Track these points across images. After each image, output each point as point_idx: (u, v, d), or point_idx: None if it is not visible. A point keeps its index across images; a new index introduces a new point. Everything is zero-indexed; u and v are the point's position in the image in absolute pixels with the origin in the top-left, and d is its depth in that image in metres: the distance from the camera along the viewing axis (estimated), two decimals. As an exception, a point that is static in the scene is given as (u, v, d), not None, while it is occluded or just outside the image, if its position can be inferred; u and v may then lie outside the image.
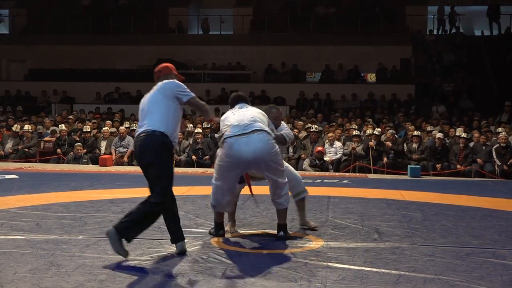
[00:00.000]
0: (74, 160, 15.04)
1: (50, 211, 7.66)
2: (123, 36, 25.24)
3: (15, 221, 6.98)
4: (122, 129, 15.64)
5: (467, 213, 8.05)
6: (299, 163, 14.62)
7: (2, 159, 15.53)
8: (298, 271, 4.98)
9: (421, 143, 14.70)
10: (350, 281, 4.75)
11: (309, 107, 20.62)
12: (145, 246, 5.76)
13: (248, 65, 24.09)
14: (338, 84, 22.61)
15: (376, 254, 5.61)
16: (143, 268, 5.07)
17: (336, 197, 9.33)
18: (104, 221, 7.02)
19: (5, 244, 5.79)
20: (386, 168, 14.11)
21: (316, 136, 15.12)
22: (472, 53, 23.27)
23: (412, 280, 4.78)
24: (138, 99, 24.94)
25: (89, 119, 18.45)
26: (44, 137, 16.39)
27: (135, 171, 13.00)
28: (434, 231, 6.73)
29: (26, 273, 4.82)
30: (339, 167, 14.43)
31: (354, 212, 7.95)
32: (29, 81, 24.21)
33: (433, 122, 17.29)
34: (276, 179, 5.98)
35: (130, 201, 8.33)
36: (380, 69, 23.13)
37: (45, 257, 5.32)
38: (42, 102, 22.53)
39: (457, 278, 4.82)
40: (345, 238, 6.30)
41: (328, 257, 5.46)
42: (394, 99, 21.13)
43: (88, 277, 4.76)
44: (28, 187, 10.09)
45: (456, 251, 5.78)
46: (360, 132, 15.39)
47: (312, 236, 6.37)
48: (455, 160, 14.07)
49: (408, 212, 8.02)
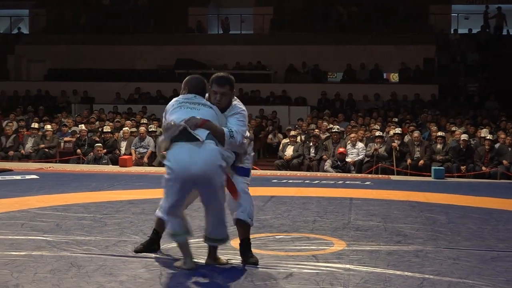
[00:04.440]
0: (94, 161, 15.07)
1: (70, 212, 7.66)
2: (142, 36, 25.32)
3: (35, 221, 6.99)
4: (142, 130, 15.65)
5: (492, 216, 7.94)
6: (321, 164, 14.53)
7: (23, 159, 15.61)
8: (320, 274, 4.91)
9: (445, 144, 14.53)
10: (373, 284, 4.68)
11: (331, 107, 20.47)
12: (164, 248, 5.71)
13: (269, 65, 23.99)
14: (360, 84, 22.43)
15: (399, 257, 5.52)
16: (161, 270, 5.02)
17: (358, 199, 9.24)
18: (123, 222, 7.00)
19: (25, 245, 5.78)
20: (409, 169, 13.97)
21: (338, 137, 15.02)
22: (498, 52, 22.96)
23: (436, 283, 4.70)
24: (158, 99, 25.12)
25: (109, 119, 18.48)
26: (64, 137, 16.45)
27: (155, 172, 13.02)
28: (458, 234, 6.62)
29: (46, 274, 4.80)
30: (361, 168, 14.31)
31: (377, 214, 7.86)
32: (48, 81, 24.32)
33: (457, 121, 17.07)
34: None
35: (150, 202, 8.30)
36: (403, 69, 22.93)
37: (65, 258, 5.30)
38: (62, 102, 22.63)
39: (482, 282, 4.74)
40: (367, 241, 6.21)
41: (351, 260, 5.39)
42: (417, 100, 20.94)
43: (108, 278, 4.73)
44: (48, 188, 10.14)
45: (481, 254, 5.69)
46: (383, 133, 15.26)
47: (334, 239, 6.29)
48: (480, 161, 13.89)
49: (432, 214, 7.92)
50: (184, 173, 4.68)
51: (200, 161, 4.68)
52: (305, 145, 15.18)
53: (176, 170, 4.70)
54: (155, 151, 15.42)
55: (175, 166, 4.71)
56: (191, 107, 4.94)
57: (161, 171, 13.23)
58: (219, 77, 5.11)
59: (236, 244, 5.40)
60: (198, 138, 4.73)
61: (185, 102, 5.00)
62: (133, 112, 19.87)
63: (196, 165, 4.66)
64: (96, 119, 18.26)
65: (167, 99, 21.13)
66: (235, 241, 5.51)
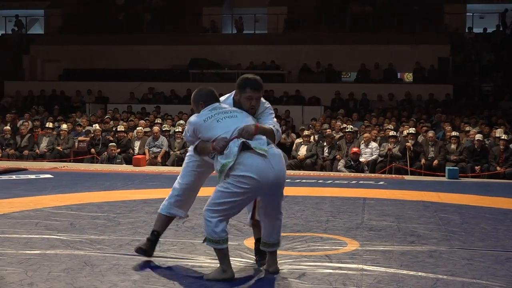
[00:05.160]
0: (108, 160, 15.13)
1: (84, 211, 7.69)
2: (156, 35, 25.39)
3: (50, 220, 7.02)
4: (156, 129, 15.70)
5: (507, 216, 7.89)
6: (334, 164, 14.50)
7: (37, 158, 15.71)
8: (333, 274, 4.90)
9: (459, 144, 14.45)
10: (386, 284, 4.67)
11: (345, 107, 20.42)
12: (178, 247, 5.74)
13: (283, 64, 23.97)
14: (374, 84, 22.37)
15: (413, 257, 5.50)
16: (176, 269, 5.03)
17: (372, 199, 9.21)
18: (137, 222, 7.03)
19: (39, 244, 5.82)
20: (423, 169, 13.90)
21: (352, 137, 14.99)
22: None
23: (450, 284, 4.68)
24: (172, 99, 25.16)
25: (123, 118, 18.55)
26: (79, 137, 16.53)
27: (168, 172, 13.06)
28: (472, 235, 6.58)
29: (60, 273, 4.83)
30: (375, 168, 14.27)
31: (390, 214, 7.83)
32: (63, 81, 24.45)
33: (471, 121, 16.96)
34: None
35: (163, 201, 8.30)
36: (417, 69, 22.83)
37: (79, 257, 5.32)
38: (76, 102, 22.75)
39: (496, 283, 4.70)
40: (381, 241, 6.19)
41: (364, 260, 5.37)
42: (432, 99, 20.84)
43: (121, 277, 4.75)
44: (62, 187, 10.19)
45: (495, 255, 5.65)
46: (397, 133, 15.20)
47: (348, 239, 6.27)
48: (494, 161, 13.80)
49: (446, 214, 7.88)
50: (264, 181, 4.53)
51: (275, 168, 4.58)
52: (319, 145, 15.16)
53: (257, 179, 4.50)
54: (168, 151, 15.47)
55: (255, 175, 4.51)
56: (228, 116, 4.74)
57: (174, 170, 13.29)
58: (253, 81, 4.88)
59: (250, 243, 5.40)
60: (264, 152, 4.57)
61: (217, 114, 4.77)
62: (147, 112, 19.94)
63: (274, 173, 4.56)
64: (110, 118, 18.33)
65: (181, 98, 21.35)
66: (249, 241, 5.50)
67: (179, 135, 15.44)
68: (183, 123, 16.58)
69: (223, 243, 4.64)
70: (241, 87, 4.89)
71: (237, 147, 4.54)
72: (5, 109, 21.39)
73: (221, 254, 4.68)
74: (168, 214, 5.30)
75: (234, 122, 4.69)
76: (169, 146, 15.57)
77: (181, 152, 15.14)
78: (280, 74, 23.79)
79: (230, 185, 4.55)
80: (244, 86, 4.87)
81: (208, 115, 4.78)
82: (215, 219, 4.59)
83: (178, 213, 5.30)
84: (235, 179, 4.53)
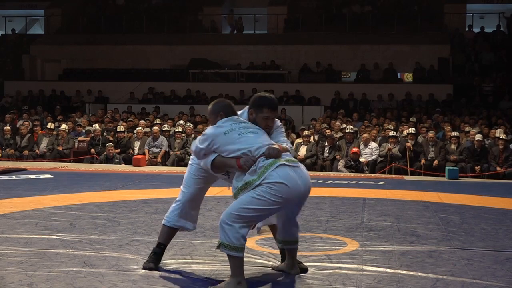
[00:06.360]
0: (106, 161, 15.13)
1: (84, 211, 7.69)
2: (156, 35, 25.40)
3: (50, 220, 7.03)
4: (156, 129, 15.69)
5: (507, 216, 7.89)
6: (334, 164, 14.50)
7: (37, 158, 15.70)
8: (332, 274, 4.91)
9: (459, 144, 14.45)
10: (385, 284, 4.67)
11: (345, 107, 20.41)
12: (177, 247, 5.73)
13: (283, 64, 23.98)
14: (374, 84, 22.36)
15: (412, 258, 5.50)
16: (176, 269, 5.03)
17: (372, 199, 9.21)
18: (137, 222, 7.03)
19: (39, 244, 5.82)
20: (423, 169, 13.90)
21: (351, 137, 14.99)
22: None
23: (450, 284, 4.69)
24: (172, 99, 25.13)
25: (123, 118, 18.55)
26: (79, 137, 16.53)
27: (168, 172, 13.06)
28: (472, 235, 6.59)
29: (60, 273, 4.83)
30: (374, 168, 14.27)
31: (390, 214, 7.83)
32: (63, 81, 24.45)
33: (471, 122, 16.96)
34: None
35: (163, 201, 8.33)
36: (417, 69, 22.82)
37: (79, 257, 5.33)
38: (76, 102, 22.75)
39: (496, 283, 4.71)
40: (381, 241, 6.19)
41: (364, 260, 5.38)
42: (432, 100, 20.84)
43: (121, 277, 4.75)
44: (62, 187, 10.19)
45: (495, 255, 5.65)
46: (397, 133, 15.20)
47: (347, 239, 6.28)
48: (494, 162, 13.80)
49: (446, 214, 7.88)
50: (296, 192, 4.50)
51: (305, 181, 4.57)
52: (319, 145, 15.16)
53: (290, 187, 4.45)
54: (168, 151, 15.47)
55: (288, 184, 4.44)
56: (250, 132, 4.64)
57: (174, 170, 13.30)
58: (270, 101, 4.80)
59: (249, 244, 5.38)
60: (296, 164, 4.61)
61: (238, 128, 4.65)
62: (147, 112, 19.94)
63: (304, 185, 4.55)
64: (110, 118, 18.33)
65: (181, 98, 21.38)
66: (251, 240, 5.47)
67: (179, 135, 15.45)
68: (183, 123, 16.58)
69: (241, 251, 4.44)
70: (258, 106, 4.78)
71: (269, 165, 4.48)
72: (5, 109, 21.38)
73: (237, 263, 4.46)
74: (174, 226, 5.13)
75: (255, 138, 4.61)
76: (169, 146, 15.57)
77: (181, 152, 15.15)
78: (280, 74, 23.79)
79: (264, 192, 4.43)
80: (262, 105, 4.76)
81: (229, 127, 4.64)
82: (239, 224, 4.42)
83: (185, 225, 5.14)
84: (269, 187, 4.43)
